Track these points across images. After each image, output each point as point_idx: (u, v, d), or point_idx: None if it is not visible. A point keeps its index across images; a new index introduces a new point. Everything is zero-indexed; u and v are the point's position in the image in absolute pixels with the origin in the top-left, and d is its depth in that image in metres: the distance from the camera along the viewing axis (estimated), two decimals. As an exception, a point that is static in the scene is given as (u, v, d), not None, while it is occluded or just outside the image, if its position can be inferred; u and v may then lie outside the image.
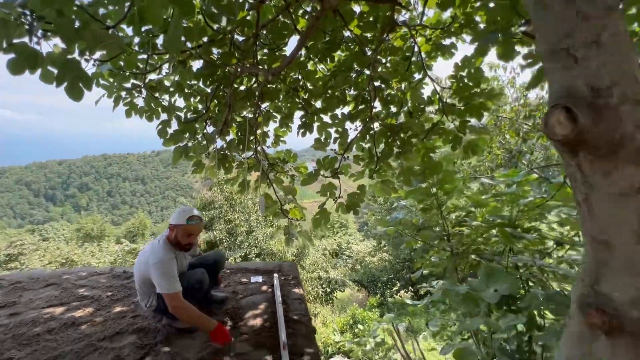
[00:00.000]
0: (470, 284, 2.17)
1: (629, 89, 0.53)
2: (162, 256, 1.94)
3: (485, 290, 1.94)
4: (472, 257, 3.57)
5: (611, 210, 0.58)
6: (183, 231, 2.07)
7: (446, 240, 3.46)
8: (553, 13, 0.57)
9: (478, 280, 2.14)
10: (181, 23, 1.66)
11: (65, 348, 1.76)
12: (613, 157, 0.55)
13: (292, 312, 2.26)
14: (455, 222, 3.67)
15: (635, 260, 0.59)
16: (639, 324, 0.60)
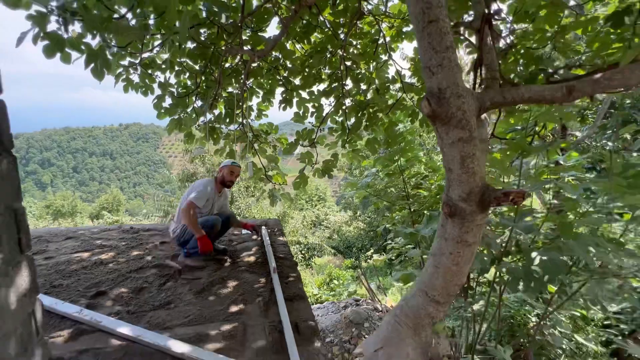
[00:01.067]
0: (417, 228, 2.85)
1: (454, 89, 1.06)
2: (205, 185, 2.70)
3: (424, 229, 2.60)
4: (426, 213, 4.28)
5: (449, 151, 1.14)
6: (228, 170, 2.86)
7: (406, 200, 4.14)
8: (423, 47, 1.09)
9: (423, 224, 2.81)
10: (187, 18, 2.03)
11: (102, 278, 2.25)
12: (448, 124, 1.10)
13: (278, 252, 2.85)
14: (414, 185, 4.34)
15: (461, 177, 1.17)
16: (462, 210, 1.20)
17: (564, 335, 3.22)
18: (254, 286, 2.24)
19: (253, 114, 4.10)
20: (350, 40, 3.60)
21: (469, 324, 3.28)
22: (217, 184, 2.87)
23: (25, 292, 1.30)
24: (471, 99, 1.11)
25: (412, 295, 1.44)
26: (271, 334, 1.76)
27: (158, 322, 1.81)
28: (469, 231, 1.22)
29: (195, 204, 2.52)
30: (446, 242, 1.28)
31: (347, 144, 3.82)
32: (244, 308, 1.98)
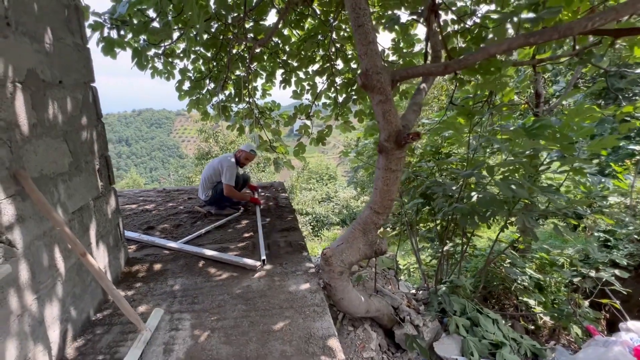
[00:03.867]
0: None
1: (374, 69, 1.69)
2: (232, 163, 3.37)
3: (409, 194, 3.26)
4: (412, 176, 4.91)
5: (376, 108, 1.78)
6: (246, 155, 3.55)
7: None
8: (356, 41, 1.71)
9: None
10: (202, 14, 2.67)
11: (149, 219, 3.05)
12: (372, 91, 1.73)
13: (280, 203, 3.59)
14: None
15: (383, 126, 1.81)
16: (386, 148, 1.85)
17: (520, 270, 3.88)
18: (262, 223, 2.99)
19: (258, 93, 4.75)
20: (339, 25, 4.15)
21: (442, 263, 4.00)
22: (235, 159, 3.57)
23: (114, 208, 2.08)
24: (386, 74, 1.73)
25: (363, 211, 2.13)
26: (269, 247, 2.51)
27: (195, 241, 2.59)
28: (392, 161, 1.86)
29: (231, 184, 3.27)
30: (379, 170, 1.93)
31: (339, 116, 4.44)
32: (253, 234, 2.74)
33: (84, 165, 1.75)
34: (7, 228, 1.19)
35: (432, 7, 2.50)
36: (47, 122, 1.45)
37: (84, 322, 1.69)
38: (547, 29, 1.40)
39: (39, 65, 1.40)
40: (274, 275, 2.16)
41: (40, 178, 1.38)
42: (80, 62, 1.74)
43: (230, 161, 3.37)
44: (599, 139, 2.54)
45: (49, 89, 1.47)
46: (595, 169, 6.15)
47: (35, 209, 1.33)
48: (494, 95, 3.16)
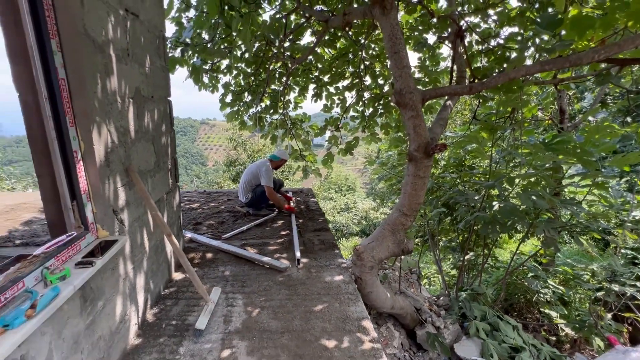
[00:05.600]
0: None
1: (407, 89, 1.97)
2: (269, 167, 3.73)
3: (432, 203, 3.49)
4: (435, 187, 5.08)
5: (407, 123, 2.05)
6: (281, 161, 4.01)
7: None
8: (392, 65, 2.00)
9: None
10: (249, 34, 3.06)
11: (196, 216, 3.42)
12: (405, 108, 2.00)
13: (311, 207, 3.88)
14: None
15: (413, 138, 2.08)
16: (415, 157, 2.12)
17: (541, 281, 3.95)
18: (296, 224, 3.29)
19: (291, 105, 5.13)
20: (369, 44, 4.48)
21: (463, 273, 4.13)
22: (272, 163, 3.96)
23: (178, 203, 2.44)
24: (417, 93, 2.00)
25: (392, 212, 2.38)
26: (304, 244, 2.79)
27: (238, 236, 2.92)
28: (420, 169, 2.11)
29: (271, 186, 3.64)
30: (408, 177, 2.19)
31: (366, 128, 4.73)
32: (289, 233, 3.04)
33: (162, 165, 2.12)
34: (120, 209, 1.55)
35: (457, 32, 2.77)
36: (143, 129, 1.83)
37: (157, 294, 2.02)
38: (560, 58, 1.64)
39: (142, 84, 1.79)
40: (310, 268, 2.43)
41: (139, 173, 1.75)
42: (164, 80, 2.13)
43: (267, 165, 3.72)
44: (622, 156, 2.68)
45: (146, 102, 1.86)
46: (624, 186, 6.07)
47: (136, 196, 1.69)
48: (516, 112, 3.35)
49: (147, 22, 1.85)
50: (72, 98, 1.26)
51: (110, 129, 1.46)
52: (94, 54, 1.33)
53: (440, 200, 3.85)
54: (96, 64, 1.34)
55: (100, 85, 1.36)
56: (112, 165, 1.48)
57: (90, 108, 1.30)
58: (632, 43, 1.37)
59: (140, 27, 1.76)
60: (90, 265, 1.19)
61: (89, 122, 1.31)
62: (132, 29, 1.66)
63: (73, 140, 1.27)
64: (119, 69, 1.51)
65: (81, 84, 1.26)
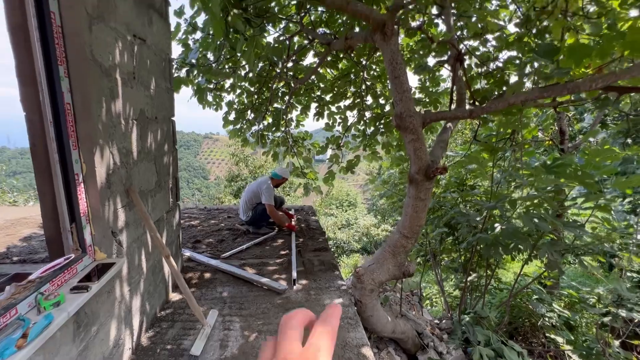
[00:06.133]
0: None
1: (407, 112, 1.99)
2: (270, 185, 3.75)
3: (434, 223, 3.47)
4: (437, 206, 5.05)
5: (408, 146, 2.06)
6: (282, 179, 4.01)
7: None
8: (393, 89, 2.03)
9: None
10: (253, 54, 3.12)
11: (196, 233, 3.40)
12: (405, 131, 2.01)
13: (311, 226, 3.85)
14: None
15: (414, 160, 2.08)
16: (416, 180, 2.12)
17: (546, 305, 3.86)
18: (295, 243, 3.25)
19: (293, 123, 5.18)
20: (370, 65, 4.58)
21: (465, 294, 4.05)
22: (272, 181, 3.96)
23: (177, 221, 2.43)
24: (417, 116, 2.02)
25: (393, 234, 2.35)
26: (304, 265, 2.76)
27: (237, 256, 2.89)
28: (421, 191, 2.11)
29: (272, 204, 3.64)
30: (409, 199, 2.18)
31: (367, 147, 4.76)
32: (288, 252, 3.00)
33: (163, 184, 2.13)
34: (119, 230, 1.54)
35: (457, 56, 2.83)
36: (146, 149, 1.84)
37: (153, 316, 1.98)
38: (558, 85, 1.67)
39: (146, 106, 1.82)
40: (309, 290, 2.39)
41: (139, 194, 1.75)
42: (168, 101, 2.17)
43: (268, 184, 3.73)
44: (625, 178, 2.67)
45: (150, 123, 1.88)
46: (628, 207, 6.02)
47: (136, 217, 1.69)
48: (516, 133, 3.37)
49: (154, 46, 1.90)
50: (77, 121, 1.28)
51: (113, 150, 1.47)
52: (101, 79, 1.36)
53: (442, 220, 3.82)
54: (102, 88, 1.37)
55: (104, 108, 1.39)
56: (113, 187, 1.48)
57: (94, 131, 1.31)
58: (628, 73, 1.39)
59: (147, 51, 1.81)
60: (86, 290, 1.17)
61: (92, 145, 1.32)
62: (139, 53, 1.70)
63: (75, 164, 1.28)
64: (124, 92, 1.54)
65: (86, 108, 1.28)
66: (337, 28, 3.89)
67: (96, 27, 1.31)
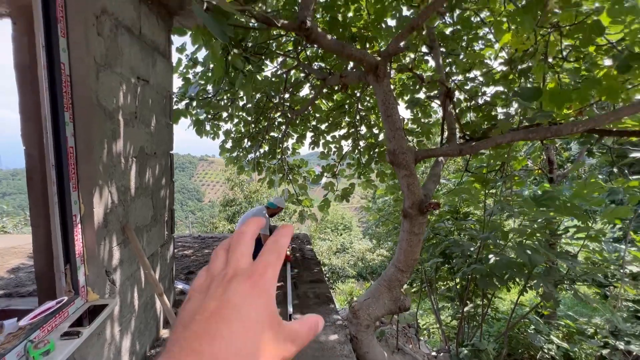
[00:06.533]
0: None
1: (400, 149, 2.06)
2: (265, 214, 3.72)
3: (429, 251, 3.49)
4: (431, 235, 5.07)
5: (401, 181, 2.11)
6: (278, 209, 3.95)
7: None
8: (386, 127, 2.11)
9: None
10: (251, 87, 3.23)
11: (189, 264, 3.35)
12: (399, 167, 2.08)
13: (306, 255, 3.83)
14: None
15: (408, 195, 2.13)
16: (410, 214, 2.16)
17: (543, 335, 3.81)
18: (291, 274, 3.22)
19: (289, 151, 5.27)
20: (364, 97, 4.74)
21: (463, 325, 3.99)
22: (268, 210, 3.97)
23: (171, 254, 2.42)
24: (410, 153, 2.09)
25: (388, 268, 2.35)
26: (299, 298, 2.72)
27: (230, 287, 2.85)
28: (415, 225, 2.14)
29: (267, 234, 3.59)
30: (404, 233, 2.20)
31: (362, 175, 4.83)
32: (284, 284, 2.97)
33: (159, 218, 2.13)
34: (114, 269, 1.53)
35: (446, 92, 2.96)
36: (144, 185, 1.87)
37: (142, 356, 1.92)
38: (542, 127, 1.76)
39: (146, 142, 1.86)
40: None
41: (135, 229, 1.75)
42: (167, 135, 2.22)
43: (263, 214, 3.73)
44: (613, 209, 2.75)
45: (149, 159, 1.92)
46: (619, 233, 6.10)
47: (130, 254, 1.68)
48: (506, 165, 3.47)
49: (156, 86, 1.98)
50: (78, 164, 1.31)
51: (112, 190, 1.49)
52: (104, 122, 1.40)
53: (437, 248, 3.83)
54: (105, 130, 1.41)
55: (106, 149, 1.42)
56: (110, 225, 1.49)
57: (94, 172, 1.34)
58: (606, 120, 1.48)
59: (149, 91, 1.88)
60: (77, 336, 1.15)
61: (92, 186, 1.34)
62: (141, 94, 1.77)
63: (74, 205, 1.29)
64: (125, 132, 1.59)
65: (89, 150, 1.32)
66: (333, 62, 4.07)
67: (103, 74, 1.37)
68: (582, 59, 2.40)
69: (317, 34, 1.97)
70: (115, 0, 1.45)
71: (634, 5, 1.80)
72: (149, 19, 1.84)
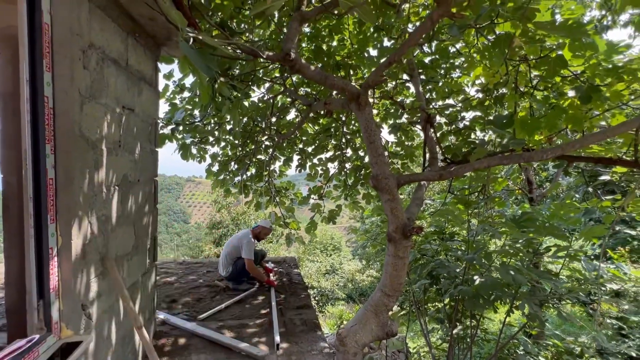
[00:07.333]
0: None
1: (383, 175, 2.12)
2: (250, 240, 3.70)
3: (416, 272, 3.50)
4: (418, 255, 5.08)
5: (385, 205, 2.16)
6: (266, 231, 4.01)
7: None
8: (369, 153, 2.18)
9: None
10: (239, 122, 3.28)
11: (172, 292, 3.24)
12: (382, 191, 2.13)
13: (294, 280, 3.77)
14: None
15: (391, 219, 2.17)
16: (394, 238, 2.18)
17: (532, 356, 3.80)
18: (276, 300, 3.15)
19: (275, 174, 5.29)
20: (349, 120, 4.87)
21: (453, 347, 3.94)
22: (253, 234, 3.90)
23: (153, 283, 2.35)
24: (392, 178, 2.15)
25: (375, 293, 2.34)
26: (285, 325, 2.66)
27: (215, 316, 2.76)
28: (399, 249, 2.16)
29: (251, 259, 3.58)
30: (388, 257, 2.22)
31: (348, 197, 4.87)
32: (269, 311, 2.90)
33: (141, 246, 2.09)
34: (90, 302, 1.48)
35: (427, 118, 3.09)
36: (126, 213, 1.84)
37: (118, 395, 1.81)
38: (515, 154, 1.85)
39: (130, 170, 1.86)
40: (291, 355, 2.28)
41: (115, 259, 1.71)
42: (152, 163, 2.22)
43: (249, 237, 3.69)
44: (589, 228, 2.85)
45: (132, 186, 1.90)
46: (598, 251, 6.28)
47: (109, 285, 1.63)
48: (487, 186, 3.58)
49: (141, 113, 1.99)
50: (57, 195, 1.29)
51: (92, 220, 1.47)
52: (86, 152, 1.40)
53: (424, 270, 3.84)
54: (87, 160, 1.41)
55: (87, 179, 1.41)
56: (88, 257, 1.45)
57: (74, 203, 1.32)
58: (572, 147, 1.58)
59: (134, 119, 1.89)
60: (47, 377, 1.10)
61: (71, 217, 1.32)
62: (126, 122, 1.78)
63: (51, 237, 1.26)
64: (108, 161, 1.59)
65: (69, 181, 1.31)
66: (318, 88, 4.19)
67: (87, 106, 1.39)
68: (550, 88, 2.57)
69: (301, 64, 2.06)
70: (102, 34, 1.49)
71: (591, 42, 1.97)
72: (136, 50, 1.88)
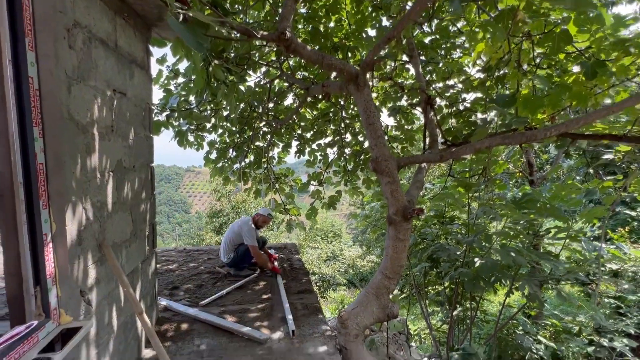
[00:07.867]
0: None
1: (383, 157, 2.08)
2: (251, 226, 3.66)
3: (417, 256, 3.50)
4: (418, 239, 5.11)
5: (385, 188, 2.13)
6: (264, 218, 3.92)
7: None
8: (368, 135, 2.13)
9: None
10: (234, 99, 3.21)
11: (174, 279, 3.25)
12: (382, 174, 2.10)
13: (295, 265, 3.78)
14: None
15: (391, 202, 2.14)
16: (394, 220, 2.16)
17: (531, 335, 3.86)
18: (278, 285, 3.17)
19: (274, 161, 5.24)
20: (348, 104, 4.79)
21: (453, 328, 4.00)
22: (253, 222, 3.89)
23: (153, 270, 2.34)
24: (393, 161, 2.11)
25: (375, 275, 2.35)
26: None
27: (217, 302, 2.77)
28: (400, 232, 2.15)
29: (255, 245, 3.56)
30: (389, 240, 2.21)
31: (348, 182, 4.85)
32: (271, 296, 2.91)
33: (139, 233, 2.07)
34: (89, 289, 1.47)
35: (427, 100, 3.02)
36: (122, 199, 1.81)
37: (122, 379, 1.83)
38: (518, 133, 1.81)
39: (124, 156, 1.82)
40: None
41: (112, 246, 1.69)
42: (147, 148, 2.18)
43: (249, 225, 3.68)
44: (590, 210, 2.83)
45: (127, 173, 1.87)
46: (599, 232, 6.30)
47: (108, 272, 1.62)
48: (487, 169, 3.55)
49: (134, 98, 1.94)
50: (49, 180, 1.26)
51: (86, 205, 1.44)
52: (77, 135, 1.36)
53: (424, 253, 3.86)
54: (78, 144, 1.37)
55: (79, 164, 1.38)
56: (85, 243, 1.43)
57: (66, 188, 1.29)
58: (576, 124, 1.54)
59: (126, 103, 1.84)
60: (47, 362, 1.09)
61: (64, 202, 1.29)
62: (118, 106, 1.73)
63: (44, 223, 1.24)
64: (101, 146, 1.55)
65: (59, 166, 1.27)
66: (316, 72, 4.10)
67: (75, 88, 1.34)
68: (554, 65, 2.50)
69: (297, 44, 1.99)
70: (87, 12, 1.42)
71: (598, 15, 1.89)
72: (125, 31, 1.81)
